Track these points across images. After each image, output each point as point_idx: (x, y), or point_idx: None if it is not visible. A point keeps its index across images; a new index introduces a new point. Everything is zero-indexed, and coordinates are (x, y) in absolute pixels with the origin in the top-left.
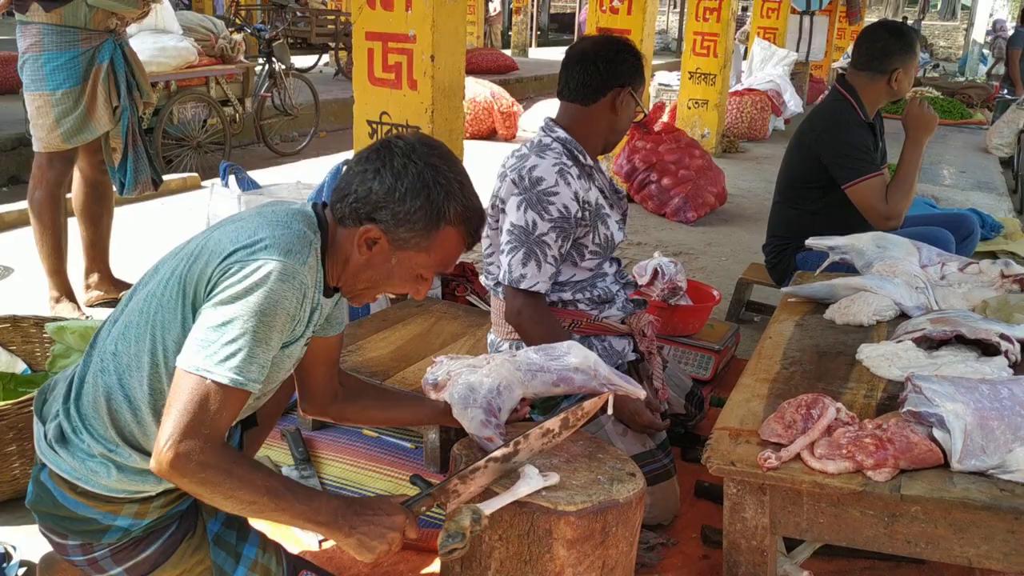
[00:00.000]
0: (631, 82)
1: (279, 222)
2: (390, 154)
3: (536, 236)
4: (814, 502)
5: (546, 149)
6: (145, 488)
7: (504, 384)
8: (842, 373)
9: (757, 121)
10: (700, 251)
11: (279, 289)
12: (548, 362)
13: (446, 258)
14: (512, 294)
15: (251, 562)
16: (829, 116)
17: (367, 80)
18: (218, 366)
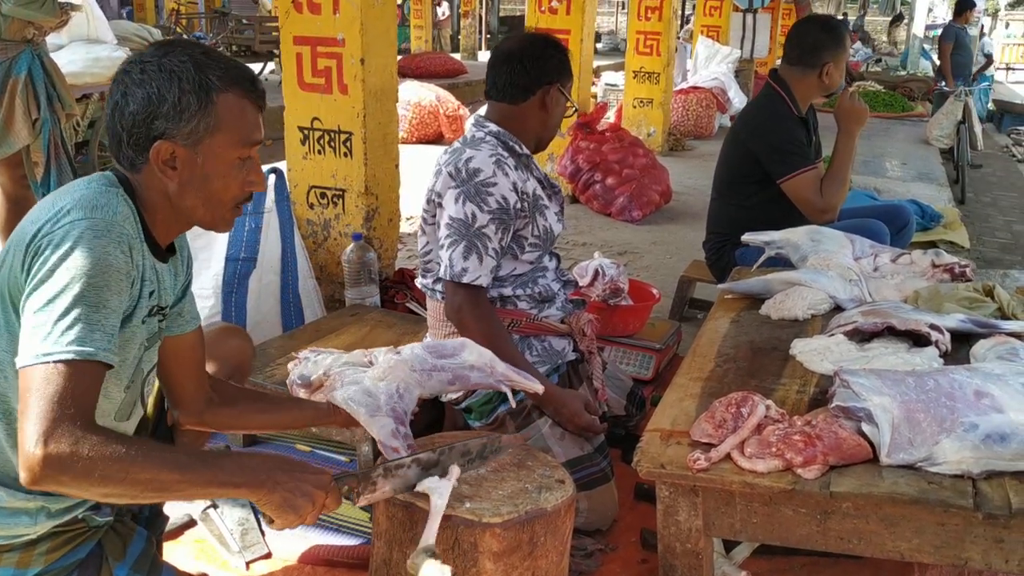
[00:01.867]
0: (559, 78)
1: (75, 188)
2: (124, 75)
3: (476, 228)
4: (746, 502)
5: (480, 142)
6: (24, 531)
7: (403, 387)
8: (775, 369)
9: (703, 119)
10: (645, 250)
11: (98, 246)
12: (442, 360)
13: (244, 125)
14: (453, 289)
15: None
16: (762, 111)
17: (296, 85)
18: (57, 345)
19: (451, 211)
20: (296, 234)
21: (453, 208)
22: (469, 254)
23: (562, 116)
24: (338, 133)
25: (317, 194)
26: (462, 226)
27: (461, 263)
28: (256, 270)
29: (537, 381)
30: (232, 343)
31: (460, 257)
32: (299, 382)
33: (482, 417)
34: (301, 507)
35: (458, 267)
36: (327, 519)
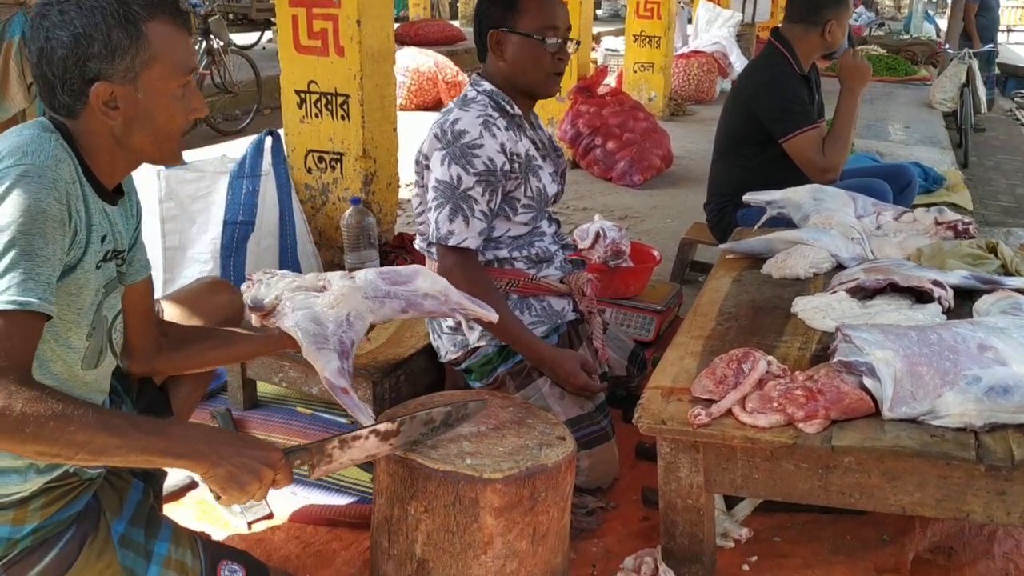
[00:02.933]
0: (502, 22)
1: (8, 135)
2: (43, 19)
3: (462, 191)
4: (748, 458)
5: (471, 102)
6: (15, 489)
7: (354, 314)
8: (777, 327)
9: (704, 83)
10: (646, 214)
11: (30, 192)
12: (395, 287)
13: (178, 52)
14: (443, 252)
15: (164, 559)
16: (764, 70)
17: (292, 48)
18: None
19: (437, 173)
20: (294, 198)
21: (439, 170)
22: (455, 216)
23: (533, 59)
24: (335, 96)
25: (315, 158)
26: (448, 188)
27: (447, 226)
28: (255, 233)
29: (492, 310)
30: (221, 298)
31: (446, 220)
32: (251, 304)
33: (482, 377)
34: (247, 483)
35: (444, 230)
36: (328, 480)
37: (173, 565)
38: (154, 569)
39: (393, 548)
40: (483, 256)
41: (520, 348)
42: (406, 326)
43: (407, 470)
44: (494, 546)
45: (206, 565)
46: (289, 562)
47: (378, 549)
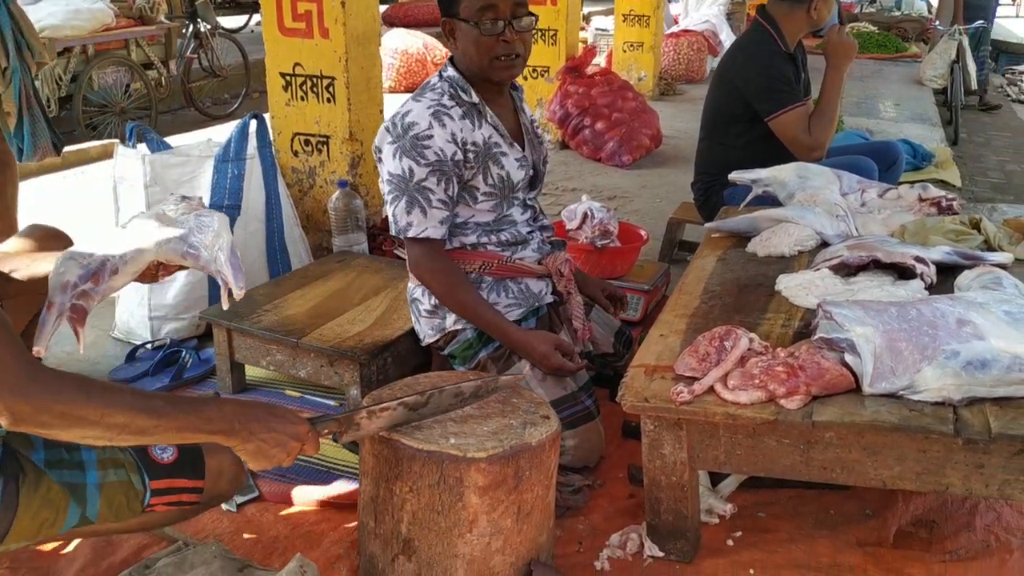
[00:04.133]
0: (451, 9)
1: None
2: None
3: (416, 183)
4: (730, 434)
5: (427, 90)
6: None
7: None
8: (761, 304)
9: (694, 62)
10: (635, 194)
11: None
12: (190, 235)
13: None
14: (408, 245)
15: (95, 462)
16: (749, 48)
17: (277, 30)
18: None
19: (390, 167)
20: (280, 181)
21: (391, 163)
22: (412, 208)
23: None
24: (320, 78)
25: (301, 141)
26: (401, 181)
27: (405, 218)
28: (241, 217)
29: (240, 281)
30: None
31: (403, 212)
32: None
33: (464, 362)
34: (275, 456)
35: (403, 222)
36: (315, 461)
37: (107, 463)
38: (91, 474)
39: (379, 528)
40: (451, 243)
41: (492, 332)
42: (393, 308)
43: (392, 450)
44: (479, 524)
45: (134, 453)
46: (278, 543)
47: (365, 529)
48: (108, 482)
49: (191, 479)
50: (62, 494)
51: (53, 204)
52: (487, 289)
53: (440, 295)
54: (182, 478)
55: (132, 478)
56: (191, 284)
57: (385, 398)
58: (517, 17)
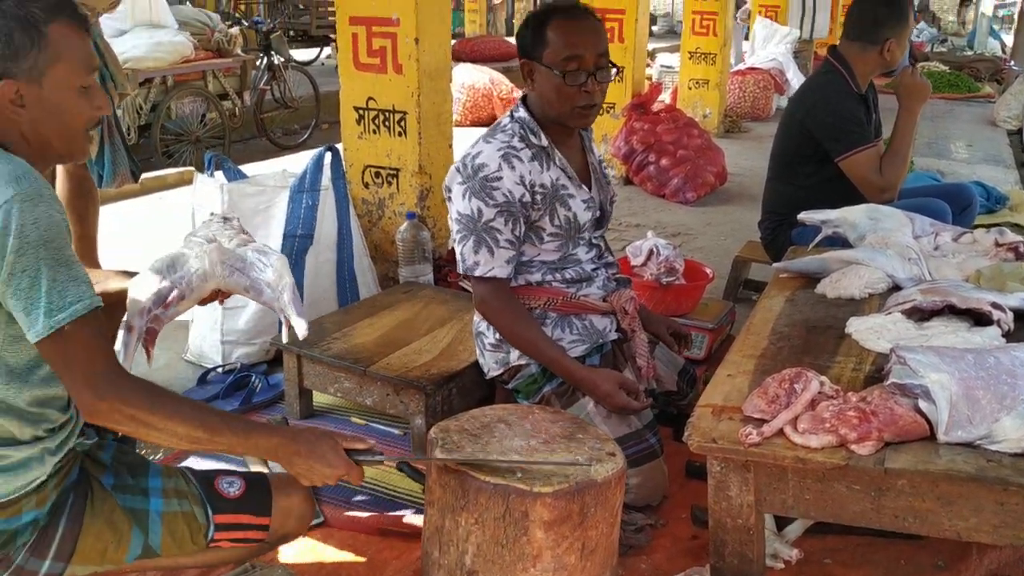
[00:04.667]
0: (534, 53)
1: None
2: None
3: (484, 223)
4: (799, 478)
5: (498, 131)
6: (36, 475)
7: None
8: (830, 347)
9: (760, 100)
10: (699, 231)
11: (40, 213)
12: (250, 269)
13: (79, 52)
14: (474, 283)
15: (160, 490)
16: (820, 88)
17: (352, 66)
18: (59, 313)
19: (459, 206)
20: (351, 212)
21: (461, 203)
22: (479, 248)
23: (557, 92)
24: (392, 113)
25: (372, 173)
26: (470, 221)
27: (472, 257)
28: (313, 247)
29: (304, 325)
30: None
31: (471, 251)
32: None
33: (529, 396)
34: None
35: (470, 261)
36: (380, 489)
37: (171, 493)
38: (155, 502)
39: (444, 559)
40: (516, 280)
41: (556, 370)
42: (459, 340)
43: (459, 482)
44: (543, 559)
45: (200, 485)
46: (342, 569)
47: (429, 559)
48: (170, 511)
49: (257, 516)
50: (125, 518)
51: (132, 229)
52: (551, 325)
53: (505, 332)
54: (247, 514)
55: (195, 510)
56: (262, 311)
57: (452, 429)
58: (600, 68)
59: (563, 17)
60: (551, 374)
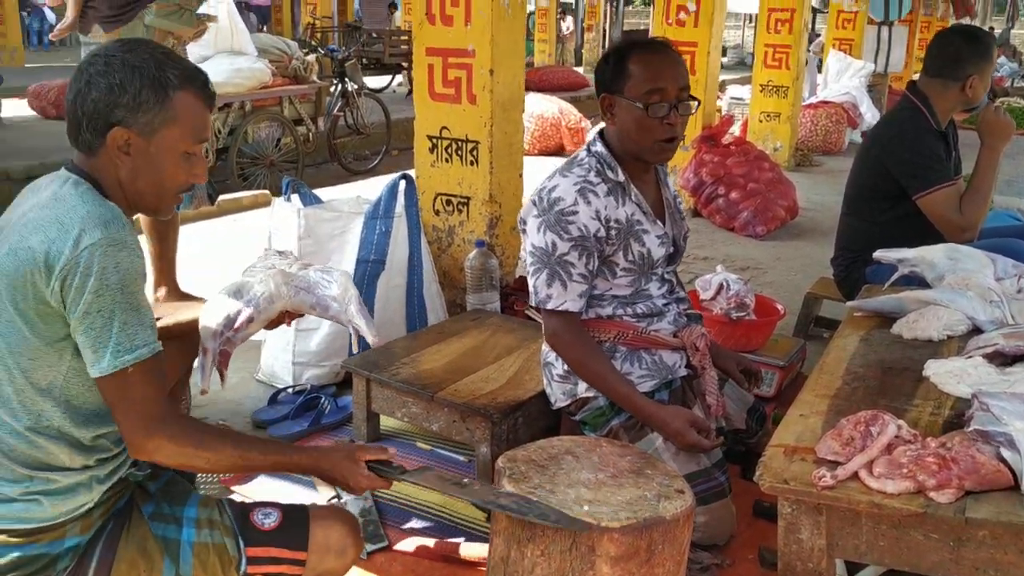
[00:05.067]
0: (614, 87)
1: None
2: (88, 66)
3: (557, 256)
4: (873, 524)
5: (575, 166)
6: (83, 501)
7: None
8: (907, 390)
9: (832, 134)
10: (769, 266)
11: (122, 259)
12: (315, 286)
13: (195, 122)
14: (545, 316)
15: (194, 521)
16: (899, 124)
17: (427, 95)
18: (127, 353)
19: (534, 239)
20: (423, 239)
21: (535, 236)
22: (552, 281)
23: (639, 125)
24: (465, 142)
25: (443, 201)
26: (544, 254)
27: (545, 290)
28: (385, 272)
29: (373, 331)
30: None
31: (544, 284)
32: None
33: (596, 429)
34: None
35: (543, 294)
36: (444, 516)
37: (204, 523)
38: (187, 531)
39: None
40: (586, 313)
41: (625, 405)
42: (525, 369)
43: None
44: None
45: (235, 517)
46: None
47: None
48: (201, 542)
49: (292, 550)
50: (157, 547)
51: (209, 250)
52: (621, 359)
53: (574, 366)
54: (281, 547)
55: (227, 542)
56: (333, 334)
57: (519, 459)
58: (682, 101)
59: (644, 51)
60: (619, 407)
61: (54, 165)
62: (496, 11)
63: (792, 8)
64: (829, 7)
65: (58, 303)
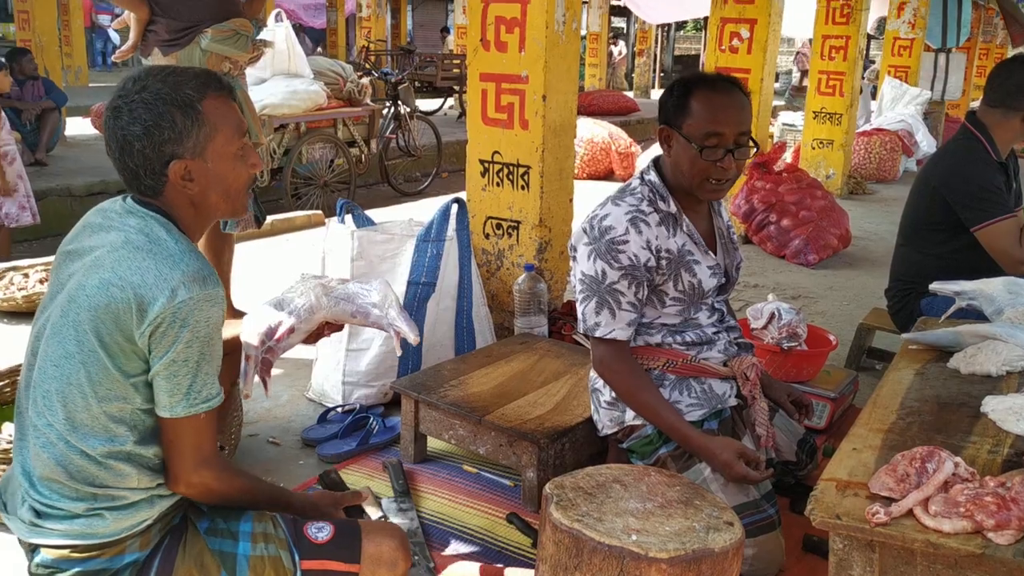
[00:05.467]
0: (674, 121)
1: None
2: (115, 119)
3: (607, 285)
4: (928, 563)
5: (627, 195)
6: (144, 517)
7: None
8: (964, 426)
9: (886, 162)
10: (820, 295)
11: (213, 315)
12: (355, 295)
13: (231, 121)
14: (594, 343)
15: (249, 535)
16: (957, 155)
17: (480, 120)
18: (199, 404)
19: (583, 267)
20: (473, 262)
21: (585, 264)
22: (601, 309)
23: (692, 163)
24: (517, 167)
25: (493, 224)
26: (593, 282)
27: (594, 318)
28: (435, 295)
29: (414, 332)
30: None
31: (592, 312)
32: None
33: (644, 457)
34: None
35: (591, 321)
36: (489, 540)
37: (259, 537)
38: (243, 545)
39: None
40: (635, 341)
41: (673, 435)
42: (573, 395)
43: (573, 540)
44: None
45: (289, 531)
46: None
47: None
48: (257, 555)
49: (345, 563)
50: (214, 561)
51: (262, 269)
52: (669, 387)
53: (623, 394)
54: (335, 560)
55: (282, 555)
56: (383, 354)
57: (567, 486)
58: (740, 146)
59: (709, 89)
60: (667, 436)
61: (115, 183)
62: (550, 38)
63: (847, 36)
64: (884, 34)
65: (144, 345)
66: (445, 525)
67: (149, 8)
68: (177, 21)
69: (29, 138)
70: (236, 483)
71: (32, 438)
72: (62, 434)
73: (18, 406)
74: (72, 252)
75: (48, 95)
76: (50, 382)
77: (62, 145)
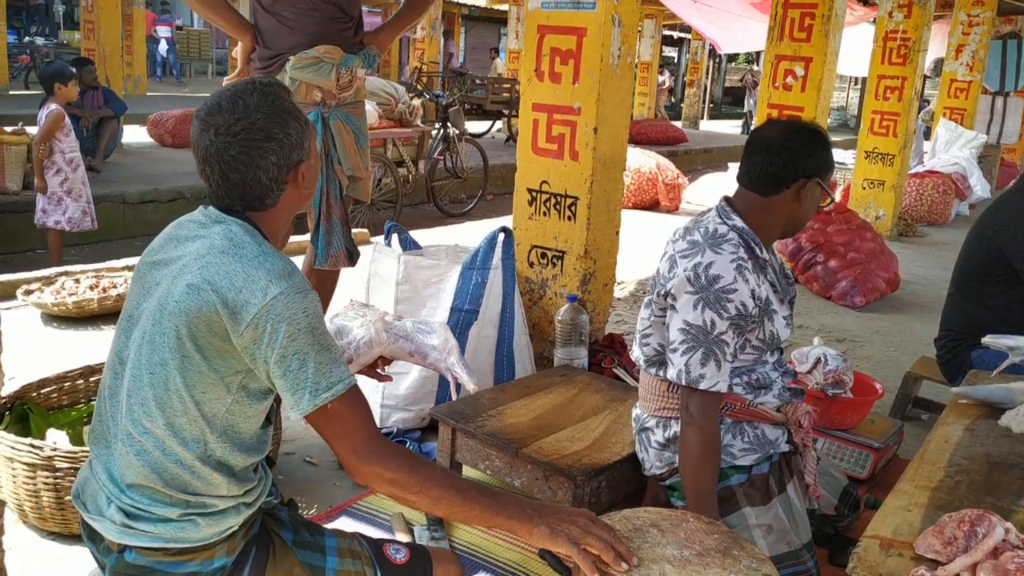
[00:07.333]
0: (818, 173)
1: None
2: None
3: (715, 336)
4: None
5: (722, 241)
6: (231, 523)
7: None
8: (1016, 489)
9: (938, 205)
10: (866, 339)
11: (308, 304)
12: (414, 335)
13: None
14: (688, 393)
15: (336, 550)
16: (1016, 205)
17: (530, 149)
18: (324, 392)
19: (688, 316)
20: (516, 292)
21: (691, 314)
22: (707, 361)
23: (815, 210)
24: (564, 197)
25: (538, 254)
26: (700, 333)
27: (699, 369)
28: (477, 322)
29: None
30: None
31: (698, 364)
32: None
33: (684, 497)
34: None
35: (695, 373)
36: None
37: (346, 553)
38: (331, 559)
39: None
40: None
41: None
42: (612, 432)
43: None
44: None
45: (371, 550)
46: None
47: None
48: (344, 570)
49: None
50: (304, 573)
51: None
52: (724, 430)
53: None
54: None
55: (367, 571)
56: (422, 379)
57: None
58: None
59: None
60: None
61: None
62: (605, 71)
63: (903, 76)
64: (941, 75)
65: (243, 347)
66: (477, 557)
67: (253, 37)
68: (268, 49)
69: (86, 144)
70: (419, 465)
71: (124, 445)
72: (160, 441)
73: (99, 413)
74: (158, 262)
75: (107, 104)
76: (147, 389)
77: (118, 152)
